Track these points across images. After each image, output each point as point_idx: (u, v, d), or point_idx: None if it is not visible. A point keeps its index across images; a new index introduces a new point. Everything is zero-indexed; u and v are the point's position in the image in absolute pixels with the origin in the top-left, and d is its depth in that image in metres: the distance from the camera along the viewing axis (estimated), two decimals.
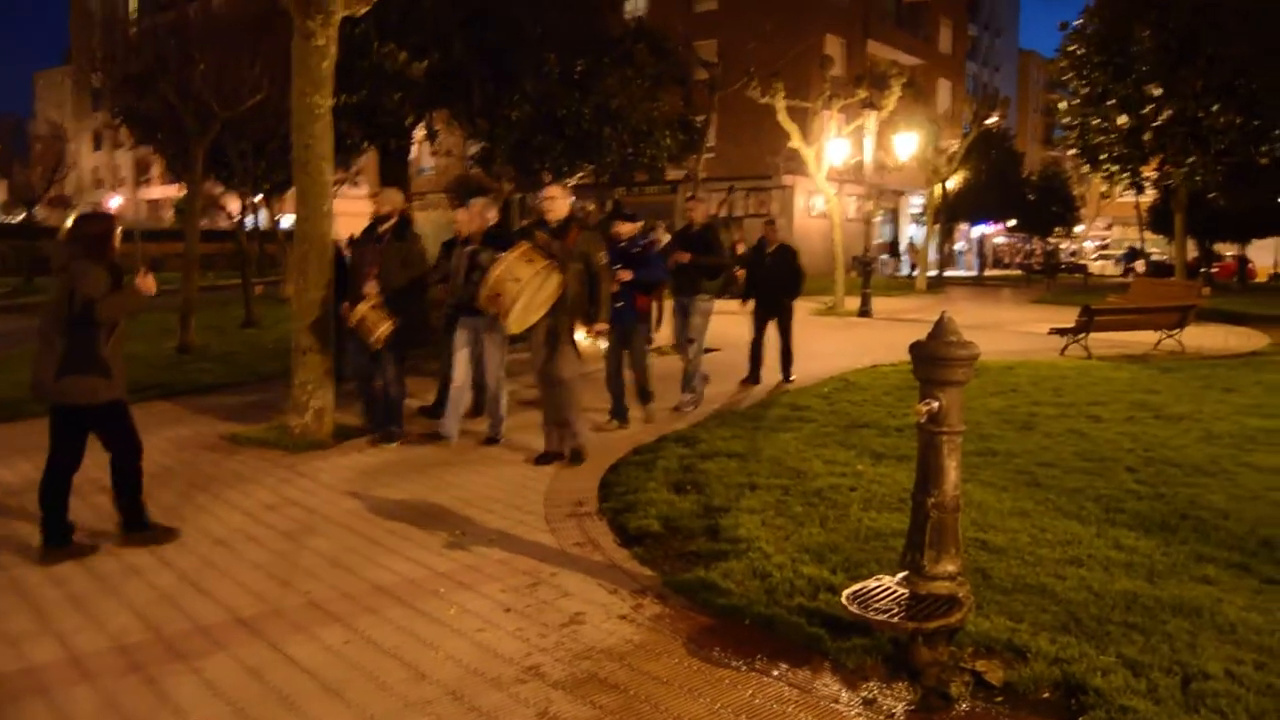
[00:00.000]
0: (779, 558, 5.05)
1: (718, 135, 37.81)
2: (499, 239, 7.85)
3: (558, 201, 7.23)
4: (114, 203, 65.93)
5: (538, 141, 22.47)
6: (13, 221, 43.15)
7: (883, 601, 3.89)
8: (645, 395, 8.90)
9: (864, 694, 3.75)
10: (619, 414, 8.74)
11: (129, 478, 5.45)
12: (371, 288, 7.61)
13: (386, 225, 7.91)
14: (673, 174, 30.31)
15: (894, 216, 52.57)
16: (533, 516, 6.00)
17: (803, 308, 22.89)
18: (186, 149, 19.38)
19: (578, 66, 22.67)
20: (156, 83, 20.36)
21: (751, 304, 11.42)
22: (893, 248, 50.73)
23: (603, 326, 7.21)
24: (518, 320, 6.79)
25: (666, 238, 18.74)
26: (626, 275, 8.16)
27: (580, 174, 25.56)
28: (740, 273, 11.69)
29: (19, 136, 66.55)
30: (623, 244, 8.48)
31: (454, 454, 7.58)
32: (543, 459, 7.33)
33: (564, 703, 3.68)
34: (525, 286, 6.65)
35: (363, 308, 7.58)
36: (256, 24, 20.54)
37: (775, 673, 3.93)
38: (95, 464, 5.52)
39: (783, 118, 22.92)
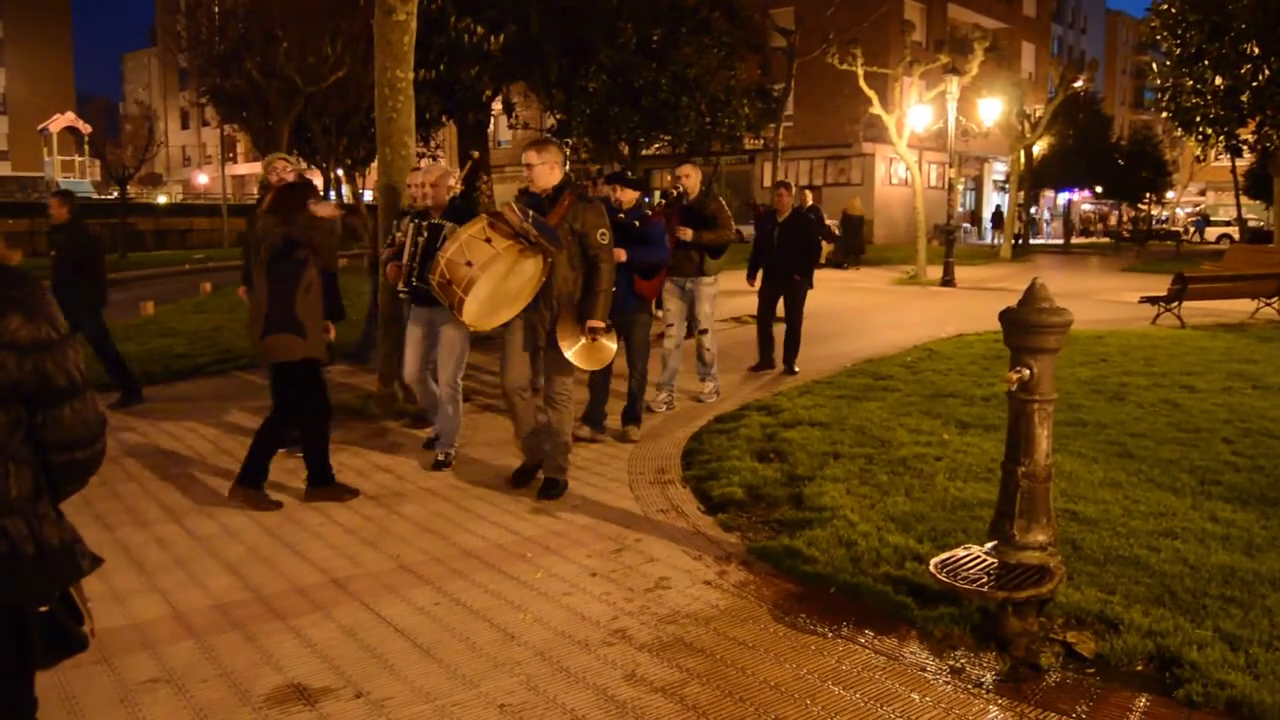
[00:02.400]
0: (864, 526, 5.03)
1: (795, 104, 37.38)
2: (463, 215, 6.27)
3: (538, 167, 5.60)
4: (201, 179, 67.59)
5: (614, 112, 22.52)
6: (108, 198, 44.52)
7: (971, 570, 3.86)
8: (632, 414, 7.28)
9: (951, 663, 3.73)
10: (592, 419, 7.22)
11: (314, 438, 5.86)
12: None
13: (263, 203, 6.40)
14: (751, 143, 30.15)
15: (977, 184, 51.55)
16: (616, 483, 6.05)
17: (884, 277, 22.82)
18: (271, 125, 19.79)
19: (654, 36, 22.62)
20: (241, 61, 20.81)
21: (759, 282, 10.03)
22: (974, 216, 49.79)
23: (598, 324, 5.59)
24: (478, 315, 5.36)
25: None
26: (620, 255, 6.50)
27: (657, 144, 25.55)
28: (828, 248, 11.28)
29: (110, 118, 68.52)
30: (621, 215, 6.96)
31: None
32: (520, 476, 6.10)
33: (651, 665, 3.72)
34: (485, 272, 5.22)
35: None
36: (336, 1, 20.86)
37: (861, 640, 3.92)
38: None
39: (862, 84, 22.57)
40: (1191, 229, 52.84)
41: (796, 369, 9.67)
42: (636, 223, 6.99)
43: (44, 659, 2.22)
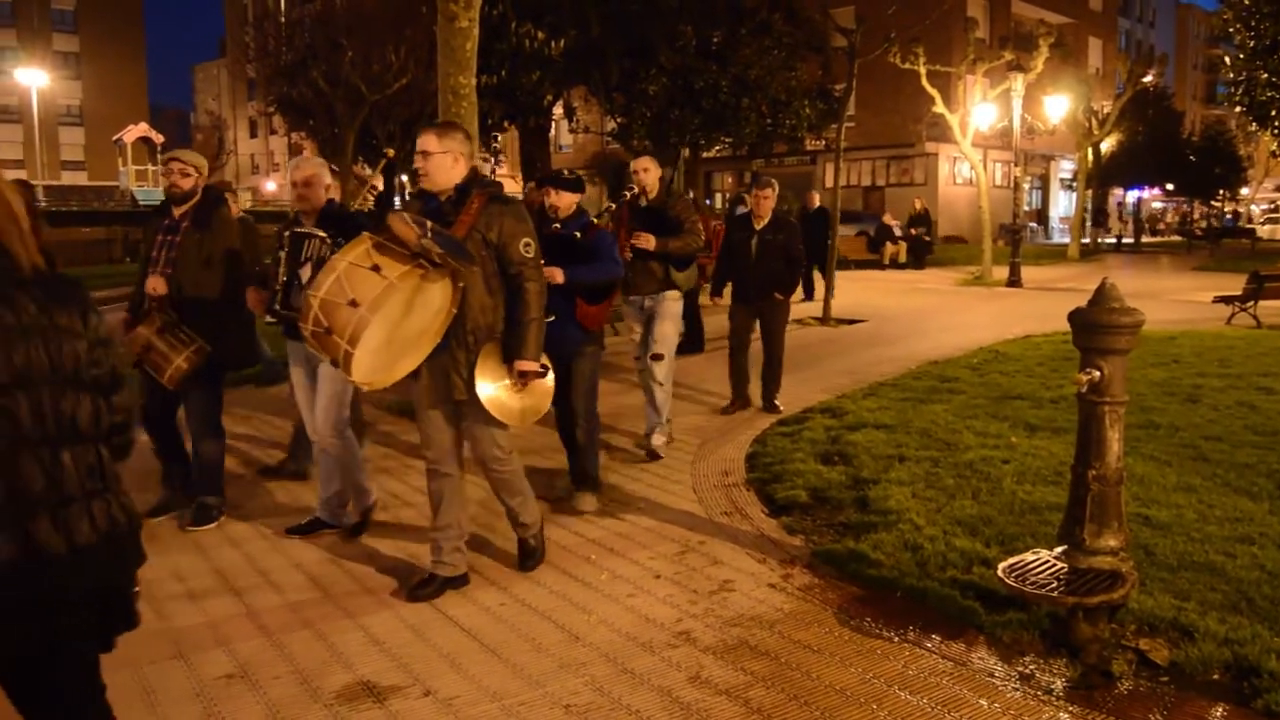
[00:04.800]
0: (930, 530, 4.98)
1: (857, 104, 37.10)
2: (343, 224, 5.03)
3: (436, 157, 4.28)
4: (270, 186, 68.95)
5: (675, 115, 22.54)
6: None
7: (1041, 575, 3.81)
8: (584, 473, 5.76)
9: (1021, 669, 3.68)
10: (580, 476, 5.80)
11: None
12: (158, 284, 5.27)
13: (185, 205, 5.40)
14: (812, 144, 29.98)
15: (1043, 183, 50.70)
16: (680, 486, 6.06)
17: (948, 278, 22.55)
18: (337, 133, 20.12)
19: (714, 38, 22.61)
20: (308, 71, 21.21)
21: (726, 299, 8.30)
22: (1040, 215, 48.98)
23: (528, 365, 4.30)
24: (373, 370, 4.02)
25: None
26: (556, 275, 5.21)
27: (718, 147, 25.52)
28: (892, 248, 10.49)
29: (182, 127, 70.16)
30: (556, 225, 5.61)
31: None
32: (424, 586, 4.50)
33: (715, 668, 3.73)
34: (377, 312, 3.86)
35: (145, 331, 5.19)
36: (399, 9, 21.17)
37: (928, 645, 3.89)
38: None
39: (925, 83, 22.34)
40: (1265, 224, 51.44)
41: (779, 405, 8.02)
42: (578, 234, 5.59)
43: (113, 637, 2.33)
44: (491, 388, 4.31)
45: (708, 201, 36.30)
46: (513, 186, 24.08)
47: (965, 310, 16.05)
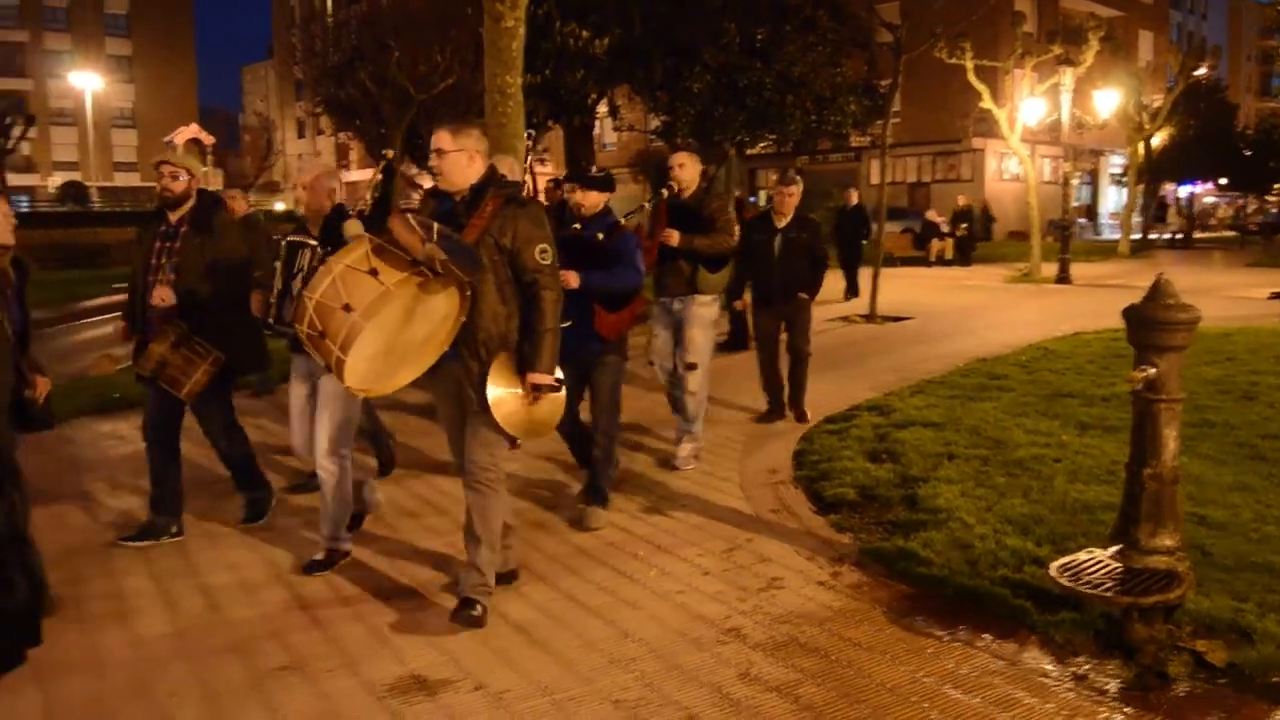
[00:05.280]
0: (981, 529, 4.94)
1: (903, 99, 36.80)
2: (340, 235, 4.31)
3: (452, 155, 4.09)
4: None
5: (719, 113, 22.50)
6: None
7: (1095, 575, 3.77)
8: (596, 490, 5.49)
9: (1074, 669, 3.64)
10: (593, 491, 5.51)
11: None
12: (165, 294, 5.06)
13: (183, 209, 5.21)
14: (857, 140, 29.79)
15: (1093, 178, 50.00)
16: (728, 483, 6.06)
17: (996, 274, 22.29)
18: (384, 133, 20.30)
19: (758, 35, 22.55)
20: (355, 72, 21.43)
21: (745, 304, 7.91)
22: (1089, 211, 48.32)
23: (541, 378, 4.10)
24: (368, 377, 3.89)
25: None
26: (570, 280, 4.94)
27: (763, 144, 25.44)
28: (938, 245, 9.71)
29: (231, 129, 71.16)
30: (578, 226, 5.37)
31: (642, 415, 7.65)
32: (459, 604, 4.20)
33: (765, 664, 3.73)
34: (372, 319, 3.73)
35: (159, 348, 5.02)
36: (445, 10, 21.32)
37: (979, 644, 3.86)
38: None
39: (972, 78, 22.11)
40: None
41: (808, 413, 7.63)
42: (600, 235, 5.30)
43: None
44: (501, 398, 4.08)
45: (752, 199, 36.11)
46: None
47: (1013, 307, 15.87)
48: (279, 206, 55.37)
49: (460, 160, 4.09)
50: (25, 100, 58.93)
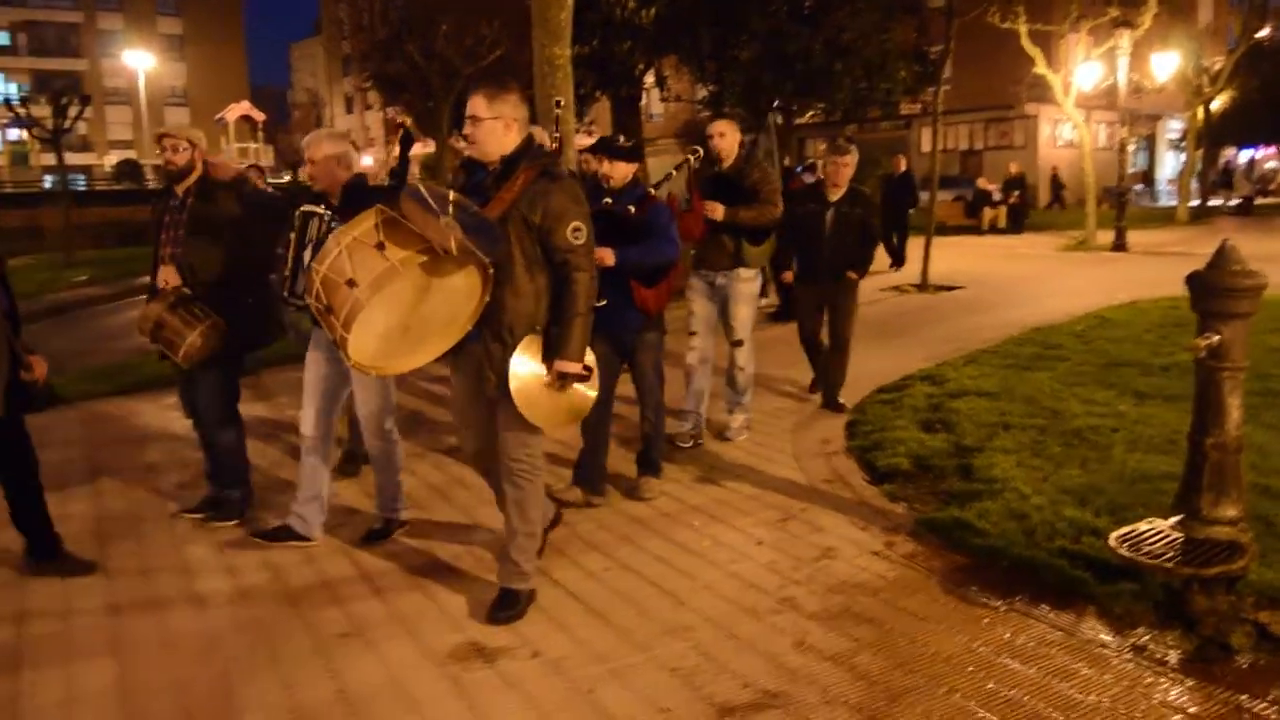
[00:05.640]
0: (1037, 499, 4.89)
1: (954, 65, 36.14)
2: (363, 202, 4.08)
3: (487, 123, 3.82)
4: (366, 161, 70.18)
5: (767, 81, 22.25)
6: (280, 182, 47.01)
7: (1155, 545, 3.73)
8: (650, 461, 5.50)
9: (1133, 640, 3.61)
10: (587, 480, 5.33)
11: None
12: (169, 275, 5.02)
13: (189, 181, 5.12)
14: (908, 108, 29.36)
15: (1150, 143, 48.93)
16: (781, 454, 6.06)
17: (1050, 243, 21.94)
18: (431, 106, 20.36)
19: (806, 1, 22.25)
20: (402, 45, 21.51)
21: (788, 275, 7.44)
22: (1147, 177, 47.31)
23: (569, 365, 3.84)
24: (376, 355, 3.72)
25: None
26: (605, 258, 4.77)
27: (811, 112, 25.17)
28: (991, 213, 9.36)
29: (280, 105, 71.83)
30: (608, 201, 5.10)
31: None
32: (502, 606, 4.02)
33: (820, 633, 3.74)
34: (375, 295, 3.55)
35: (157, 307, 4.95)
36: None
37: (1036, 614, 3.84)
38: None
39: (1026, 43, 21.69)
40: None
41: (844, 402, 7.09)
42: (632, 208, 5.11)
43: None
44: (525, 385, 3.82)
45: (799, 169, 35.78)
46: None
47: (1068, 276, 15.62)
48: None
49: (496, 129, 3.82)
50: (80, 80, 59.88)
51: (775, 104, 22.52)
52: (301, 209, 4.75)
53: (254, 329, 5.22)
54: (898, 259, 16.03)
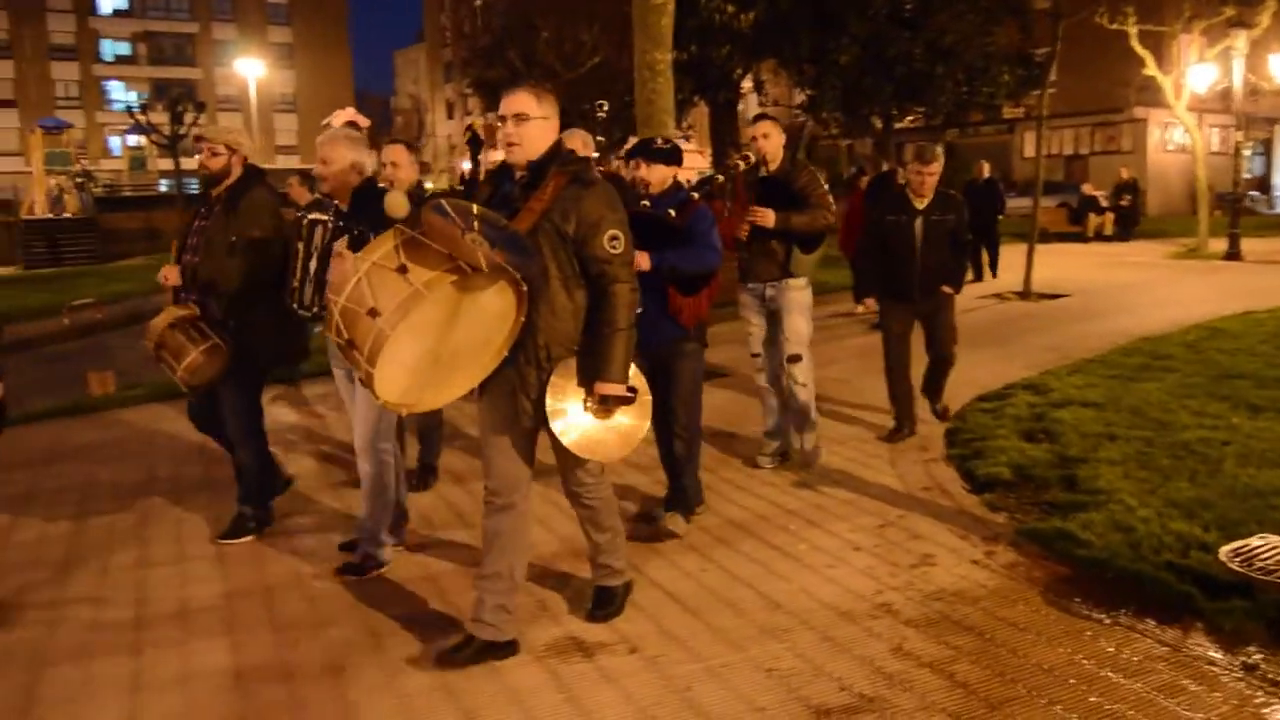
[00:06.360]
0: (1143, 511, 4.78)
1: (1059, 67, 35.33)
2: (372, 206, 4.00)
3: (535, 125, 3.53)
4: (465, 166, 71.38)
5: (866, 85, 22.10)
6: (384, 187, 48.20)
7: (1269, 561, 3.64)
8: (679, 491, 5.03)
9: (1244, 658, 3.51)
10: (677, 502, 5.03)
11: None
12: (170, 273, 4.86)
13: (221, 186, 4.93)
14: (1010, 111, 28.79)
15: (1266, 148, 47.09)
16: (878, 460, 6.03)
17: (1159, 250, 21.31)
18: None
19: (907, 4, 22.02)
20: (504, 52, 21.88)
21: (870, 302, 6.60)
22: (1263, 183, 45.51)
23: (612, 388, 3.53)
24: (408, 392, 3.40)
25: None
26: (642, 262, 4.49)
27: (911, 116, 24.88)
28: (1096, 220, 8.51)
29: (384, 111, 73.52)
30: (646, 204, 4.85)
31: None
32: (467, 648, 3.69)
33: (918, 640, 3.72)
34: (400, 324, 3.18)
35: (159, 324, 4.72)
36: None
37: (1141, 628, 3.76)
38: None
39: (1135, 44, 21.10)
40: None
41: (945, 410, 6.82)
42: (671, 212, 4.83)
43: None
44: (563, 411, 3.53)
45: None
46: (701, 162, 24.13)
47: (1178, 284, 15.15)
48: (428, 185, 57.10)
49: (545, 130, 3.54)
50: (195, 88, 62.15)
51: (881, 110, 22.32)
52: (308, 216, 4.51)
53: (269, 350, 4.95)
54: (978, 272, 15.46)
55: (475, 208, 3.23)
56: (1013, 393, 7.45)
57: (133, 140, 57.62)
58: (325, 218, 4.43)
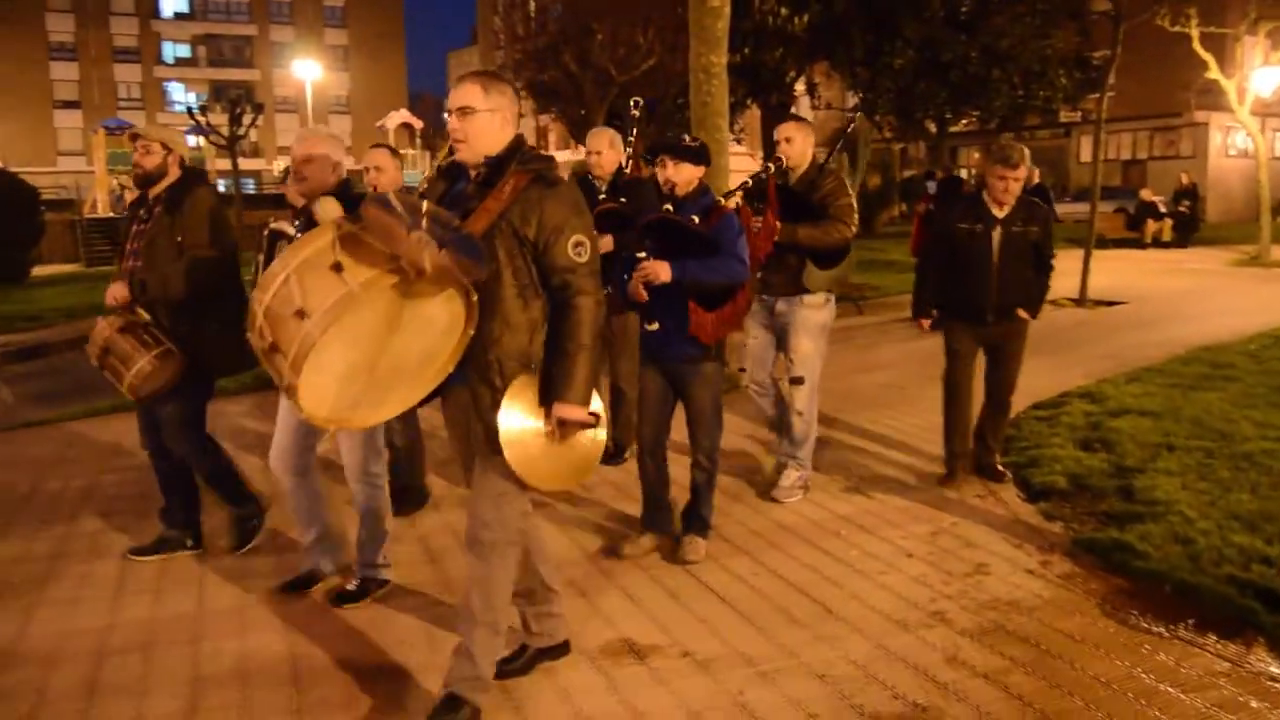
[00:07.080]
0: (1203, 523, 4.71)
1: (1117, 71, 34.82)
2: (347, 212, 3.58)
3: (482, 119, 3.18)
4: None
5: (920, 88, 21.95)
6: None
7: None
8: (697, 517, 4.73)
9: None
10: (656, 522, 4.79)
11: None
12: (118, 291, 4.52)
13: (159, 186, 4.65)
14: (1067, 115, 28.42)
15: None
16: (931, 466, 5.96)
17: (1219, 258, 20.92)
18: (584, 114, 20.77)
19: (962, 7, 21.85)
20: (559, 54, 22.01)
21: (924, 326, 5.83)
22: None
23: (569, 410, 3.11)
24: (336, 406, 2.97)
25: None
26: (662, 273, 4.28)
27: (966, 120, 24.66)
28: (1154, 226, 7.78)
29: (438, 113, 74.19)
30: (668, 207, 4.45)
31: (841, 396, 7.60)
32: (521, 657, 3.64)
33: (972, 650, 3.70)
34: (330, 328, 2.77)
35: (105, 328, 4.44)
36: None
37: (1201, 643, 3.71)
38: None
39: (1197, 46, 20.73)
40: None
41: (1004, 470, 5.75)
42: (696, 217, 4.44)
43: None
44: (517, 436, 3.10)
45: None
46: (752, 165, 24.08)
47: (1239, 292, 14.86)
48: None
49: (493, 123, 3.18)
50: (253, 89, 63.15)
51: (936, 113, 22.15)
52: (270, 227, 4.24)
53: (217, 357, 4.63)
54: None
55: (426, 204, 2.91)
56: (1068, 401, 7.35)
57: (192, 141, 58.75)
58: (290, 230, 4.15)
